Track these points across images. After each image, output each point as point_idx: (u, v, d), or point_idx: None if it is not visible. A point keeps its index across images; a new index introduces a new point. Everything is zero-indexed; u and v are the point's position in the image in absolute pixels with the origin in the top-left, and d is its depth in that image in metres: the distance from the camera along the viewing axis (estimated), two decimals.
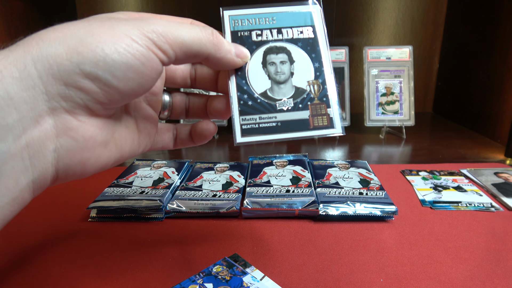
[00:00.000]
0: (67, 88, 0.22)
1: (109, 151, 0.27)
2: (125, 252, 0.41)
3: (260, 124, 0.31)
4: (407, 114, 0.85)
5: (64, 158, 0.24)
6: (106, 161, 0.27)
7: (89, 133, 0.25)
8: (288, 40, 0.33)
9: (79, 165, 0.25)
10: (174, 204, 0.48)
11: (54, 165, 0.23)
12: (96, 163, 0.26)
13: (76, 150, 0.24)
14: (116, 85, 0.24)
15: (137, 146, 0.31)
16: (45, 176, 0.23)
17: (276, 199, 0.48)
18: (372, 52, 0.86)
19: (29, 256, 0.40)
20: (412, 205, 0.51)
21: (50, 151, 0.23)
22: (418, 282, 0.36)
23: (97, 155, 0.26)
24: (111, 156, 0.27)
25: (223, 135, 0.86)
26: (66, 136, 0.23)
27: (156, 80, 0.26)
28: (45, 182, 0.24)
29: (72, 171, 0.25)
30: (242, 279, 0.35)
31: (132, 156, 0.31)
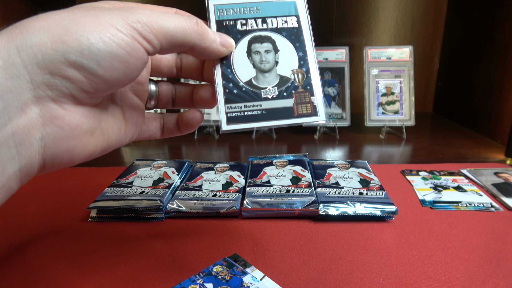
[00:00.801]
0: (52, 77, 0.23)
1: (95, 140, 0.27)
2: (125, 252, 0.41)
3: (246, 112, 0.32)
4: (407, 114, 0.85)
5: (51, 146, 0.24)
6: (93, 149, 0.27)
7: (75, 122, 0.25)
8: (272, 29, 0.33)
9: (66, 153, 0.25)
10: (174, 204, 0.48)
11: (41, 153, 0.24)
12: (83, 152, 0.26)
13: (63, 139, 0.24)
14: (101, 74, 0.24)
15: (123, 135, 0.31)
16: (32, 164, 0.23)
17: (276, 199, 0.48)
18: (372, 52, 0.86)
19: (29, 256, 0.40)
20: (412, 205, 0.51)
21: (36, 140, 0.23)
22: (418, 282, 0.36)
23: (84, 143, 0.26)
24: (98, 145, 0.28)
25: (223, 135, 0.86)
26: (52, 124, 0.24)
27: (141, 70, 0.27)
28: (32, 170, 0.24)
29: (59, 160, 0.25)
30: (242, 279, 0.35)
31: (119, 145, 0.31)
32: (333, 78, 0.87)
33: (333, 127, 0.86)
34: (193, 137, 0.85)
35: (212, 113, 0.86)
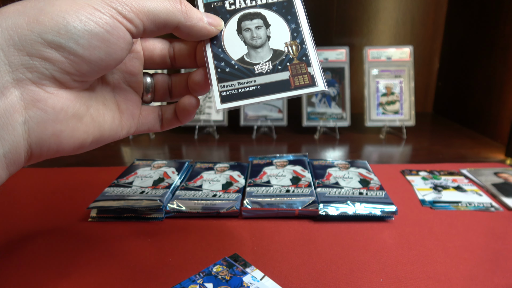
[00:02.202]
0: (31, 59, 0.22)
1: (85, 126, 0.26)
2: (125, 252, 0.41)
3: (240, 89, 0.31)
4: (407, 114, 0.85)
5: (35, 130, 0.23)
6: (83, 136, 0.26)
7: (60, 105, 0.24)
8: (261, 5, 0.33)
9: (53, 138, 0.24)
10: (174, 204, 0.48)
11: (25, 138, 0.23)
12: (72, 138, 0.26)
13: (47, 122, 0.24)
14: (81, 53, 0.23)
15: (118, 126, 0.30)
16: (17, 150, 0.23)
17: (276, 199, 0.48)
18: (372, 52, 0.86)
19: (29, 256, 0.40)
20: (412, 205, 0.51)
21: (19, 124, 0.23)
22: (418, 282, 0.36)
23: (72, 128, 0.25)
24: (89, 132, 0.27)
25: (223, 135, 0.86)
26: (35, 107, 0.23)
27: (126, 51, 0.26)
28: (18, 157, 0.23)
29: (46, 145, 0.24)
30: (242, 279, 0.35)
31: (115, 137, 0.30)
32: (333, 78, 0.87)
33: (333, 127, 0.86)
34: (193, 137, 0.85)
35: (212, 113, 0.86)
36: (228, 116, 0.86)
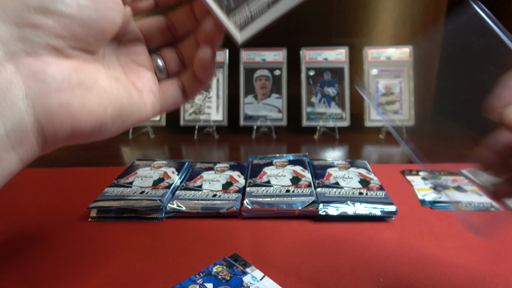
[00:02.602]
0: (20, 29, 0.21)
1: (97, 97, 0.24)
2: (125, 252, 0.41)
3: (253, 13, 0.30)
4: (407, 114, 0.85)
5: (39, 103, 0.22)
6: (99, 109, 0.24)
7: (61, 74, 0.23)
8: None
9: (62, 110, 0.23)
10: (174, 204, 0.48)
11: (30, 113, 0.22)
12: (84, 110, 0.24)
13: (50, 92, 0.22)
14: (70, 13, 0.22)
15: (140, 103, 0.28)
16: (22, 127, 0.21)
17: (276, 199, 0.48)
18: (372, 52, 0.86)
19: (29, 256, 0.40)
20: (412, 205, 0.51)
21: (19, 98, 0.21)
22: (418, 282, 0.36)
23: (81, 98, 0.23)
24: (104, 104, 0.25)
25: (223, 135, 0.86)
26: (34, 79, 0.22)
27: (117, 12, 0.25)
28: (26, 136, 0.22)
29: (58, 120, 0.22)
30: (242, 279, 0.35)
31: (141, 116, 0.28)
32: (333, 78, 0.87)
33: (333, 127, 0.86)
34: (193, 137, 0.85)
35: (212, 113, 0.86)
36: (228, 116, 0.86)
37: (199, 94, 0.87)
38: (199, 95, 0.87)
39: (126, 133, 0.84)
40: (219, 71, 0.88)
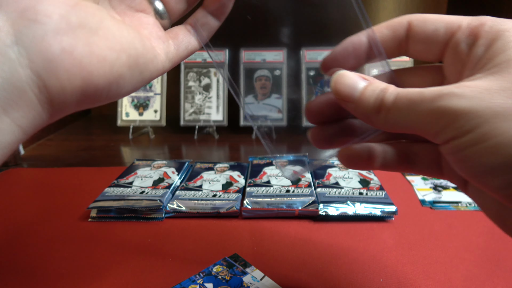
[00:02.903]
0: None
1: (105, 40, 0.20)
2: (125, 252, 0.41)
3: None
4: None
5: (35, 49, 0.17)
6: (110, 55, 0.20)
7: (57, 11, 0.18)
8: None
9: (65, 55, 0.18)
10: (174, 204, 0.48)
11: (26, 64, 0.17)
12: (92, 54, 0.19)
13: (47, 35, 0.17)
14: None
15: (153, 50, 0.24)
16: (15, 83, 0.17)
17: (276, 199, 0.48)
18: None
19: (29, 256, 0.40)
20: (412, 205, 0.51)
21: (8, 46, 0.17)
22: (418, 282, 0.36)
23: (86, 41, 0.19)
24: (115, 48, 0.20)
25: (223, 135, 0.86)
26: (24, 19, 0.17)
27: None
28: (22, 94, 0.17)
29: (62, 69, 0.18)
30: (242, 279, 0.35)
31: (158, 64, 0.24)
32: None
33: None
34: (193, 137, 0.85)
35: (212, 113, 0.86)
36: (228, 116, 0.86)
37: (199, 94, 0.87)
38: (199, 95, 0.87)
39: (126, 133, 0.85)
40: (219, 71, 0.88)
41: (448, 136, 0.18)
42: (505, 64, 0.18)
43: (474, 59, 0.20)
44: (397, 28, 0.24)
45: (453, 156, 0.19)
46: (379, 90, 0.21)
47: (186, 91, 0.87)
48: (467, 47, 0.21)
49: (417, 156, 0.26)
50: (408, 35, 0.24)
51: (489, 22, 0.20)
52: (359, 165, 0.27)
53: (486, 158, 0.17)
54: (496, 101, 0.17)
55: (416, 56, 0.25)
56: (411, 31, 0.23)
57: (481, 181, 0.19)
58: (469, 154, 0.18)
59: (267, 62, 0.88)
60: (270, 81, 0.88)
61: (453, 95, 0.18)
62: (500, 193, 0.18)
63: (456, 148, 0.18)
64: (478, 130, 0.17)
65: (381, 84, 0.22)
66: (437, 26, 0.23)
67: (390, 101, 0.20)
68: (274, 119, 0.86)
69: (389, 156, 0.27)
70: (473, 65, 0.20)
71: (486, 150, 0.17)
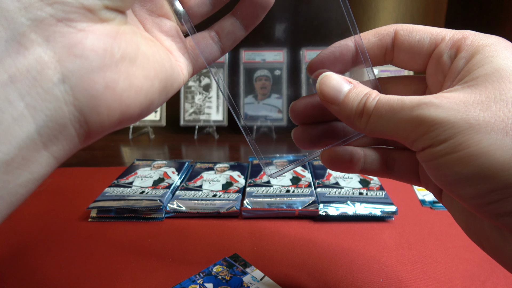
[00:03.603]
0: None
1: (142, 69, 0.20)
2: (125, 252, 0.41)
3: None
4: None
5: (80, 87, 0.17)
6: (147, 84, 0.20)
7: (101, 45, 0.18)
8: None
9: (109, 93, 0.18)
10: (174, 204, 0.48)
11: (69, 102, 0.17)
12: (132, 88, 0.19)
13: (93, 72, 0.17)
14: None
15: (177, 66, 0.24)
16: (59, 120, 0.17)
17: (276, 199, 0.48)
18: None
19: (29, 256, 0.40)
20: (412, 205, 0.51)
21: (55, 84, 0.16)
22: (418, 282, 0.36)
23: (126, 74, 0.19)
24: (151, 76, 0.20)
25: (223, 135, 0.86)
26: (71, 55, 0.17)
27: None
28: (64, 130, 0.17)
29: (104, 106, 0.18)
30: (242, 279, 0.35)
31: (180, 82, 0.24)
32: None
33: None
34: (193, 137, 0.85)
35: (212, 113, 0.86)
36: (228, 116, 0.86)
37: (199, 94, 0.87)
38: (199, 95, 0.87)
39: (126, 133, 0.85)
40: (220, 71, 0.88)
41: (424, 144, 0.19)
42: (481, 78, 0.19)
43: (455, 71, 0.21)
44: (383, 36, 0.24)
45: (428, 163, 0.19)
46: (362, 95, 0.22)
47: (186, 91, 0.87)
48: (449, 59, 0.21)
49: (396, 163, 0.27)
50: (394, 44, 0.24)
51: (471, 36, 0.21)
52: (341, 168, 0.27)
53: (458, 167, 0.18)
54: (470, 113, 0.18)
55: (401, 65, 0.25)
56: (397, 40, 0.24)
57: (452, 190, 0.19)
58: (443, 163, 0.18)
59: (267, 62, 0.88)
60: (270, 81, 0.88)
61: (431, 104, 0.18)
62: (469, 203, 0.19)
63: (431, 156, 0.19)
64: (452, 140, 0.18)
65: (365, 89, 0.22)
66: (422, 37, 0.23)
67: (371, 106, 0.21)
68: (274, 119, 0.86)
69: (370, 161, 0.27)
70: (454, 77, 0.21)
71: (458, 160, 0.18)
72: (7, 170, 0.16)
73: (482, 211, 0.18)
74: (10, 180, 0.16)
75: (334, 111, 0.23)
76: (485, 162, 0.17)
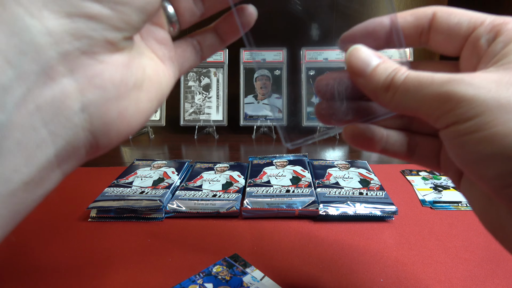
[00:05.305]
0: (73, 20, 0.17)
1: (147, 93, 0.22)
2: (125, 252, 0.41)
3: None
4: None
5: (97, 116, 0.18)
6: (148, 106, 0.22)
7: (118, 76, 0.19)
8: None
9: (120, 119, 0.20)
10: (174, 204, 0.48)
11: (86, 128, 0.18)
12: (138, 112, 0.21)
13: (110, 102, 0.19)
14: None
15: (168, 77, 0.25)
16: (75, 144, 0.18)
17: (276, 199, 0.48)
18: None
19: (29, 256, 0.40)
20: (412, 205, 0.51)
21: (75, 112, 0.18)
22: (418, 282, 0.36)
23: (136, 101, 0.20)
24: (152, 98, 0.22)
25: (222, 135, 0.86)
26: (92, 87, 0.18)
27: None
28: (76, 152, 0.19)
29: (115, 130, 0.20)
30: (242, 279, 0.35)
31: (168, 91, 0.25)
32: None
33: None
34: (193, 137, 0.85)
35: (212, 113, 0.86)
36: (227, 116, 0.86)
37: (199, 94, 0.87)
38: (199, 95, 0.87)
39: None
40: (219, 71, 0.88)
41: (449, 120, 0.19)
42: None
43: (491, 54, 0.20)
44: (421, 17, 0.24)
45: (451, 141, 0.19)
46: (391, 69, 0.22)
47: (186, 91, 0.87)
48: (487, 42, 0.21)
49: (418, 147, 0.27)
50: (431, 25, 0.24)
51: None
52: (362, 144, 0.27)
53: (482, 146, 0.18)
54: (502, 93, 0.17)
55: (436, 47, 0.25)
56: (434, 21, 0.24)
57: (473, 170, 0.19)
58: (467, 141, 0.18)
59: (267, 62, 0.88)
60: (270, 81, 0.88)
61: (461, 81, 0.18)
62: (489, 184, 0.18)
63: (455, 134, 0.19)
64: (479, 118, 0.17)
65: (395, 64, 0.22)
66: (461, 20, 0.23)
67: (400, 81, 0.21)
68: (274, 119, 0.86)
69: (392, 142, 0.27)
70: (488, 60, 0.20)
71: (484, 139, 0.17)
72: (26, 189, 0.17)
73: (501, 193, 0.18)
74: (28, 197, 0.18)
75: (360, 84, 0.23)
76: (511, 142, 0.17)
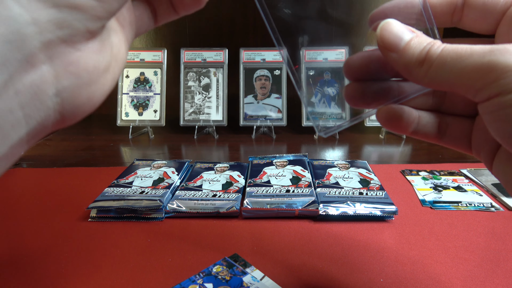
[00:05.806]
0: (59, 10, 0.17)
1: (112, 74, 0.22)
2: (125, 252, 0.41)
3: None
4: None
5: (69, 100, 0.19)
6: (111, 84, 0.22)
7: (92, 63, 0.20)
8: None
9: (87, 102, 0.21)
10: (174, 204, 0.48)
11: (58, 110, 0.19)
12: (103, 93, 0.22)
13: (81, 88, 0.20)
14: None
15: (126, 44, 0.25)
16: (45, 124, 0.19)
17: (276, 199, 0.48)
18: None
19: (29, 256, 0.40)
20: (412, 205, 0.51)
21: (49, 97, 0.18)
22: (418, 282, 0.36)
23: (103, 84, 0.21)
24: (116, 76, 0.23)
25: (222, 135, 0.86)
26: (67, 73, 0.19)
27: None
28: (44, 129, 0.20)
29: (81, 111, 0.21)
30: (242, 279, 0.35)
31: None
32: (333, 78, 0.87)
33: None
34: (193, 137, 0.85)
35: (212, 113, 0.86)
36: (227, 116, 0.86)
37: (199, 94, 0.87)
38: (199, 95, 0.87)
39: (125, 133, 0.84)
40: (219, 71, 0.88)
41: (492, 92, 0.18)
42: None
43: None
44: None
45: (493, 114, 0.18)
46: (426, 43, 0.21)
47: (185, 91, 0.87)
48: None
49: (449, 128, 0.26)
50: (465, 2, 0.23)
51: None
52: (396, 126, 0.27)
53: None
54: None
55: (469, 25, 0.24)
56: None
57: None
58: (510, 113, 0.17)
59: (267, 62, 0.88)
60: (270, 81, 0.88)
61: (505, 51, 0.17)
62: None
63: (497, 106, 0.18)
64: None
65: (428, 39, 0.21)
66: None
67: (435, 54, 0.20)
68: (274, 119, 0.86)
69: (423, 123, 0.26)
70: None
71: None
72: None
73: None
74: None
75: (393, 59, 0.22)
76: None
